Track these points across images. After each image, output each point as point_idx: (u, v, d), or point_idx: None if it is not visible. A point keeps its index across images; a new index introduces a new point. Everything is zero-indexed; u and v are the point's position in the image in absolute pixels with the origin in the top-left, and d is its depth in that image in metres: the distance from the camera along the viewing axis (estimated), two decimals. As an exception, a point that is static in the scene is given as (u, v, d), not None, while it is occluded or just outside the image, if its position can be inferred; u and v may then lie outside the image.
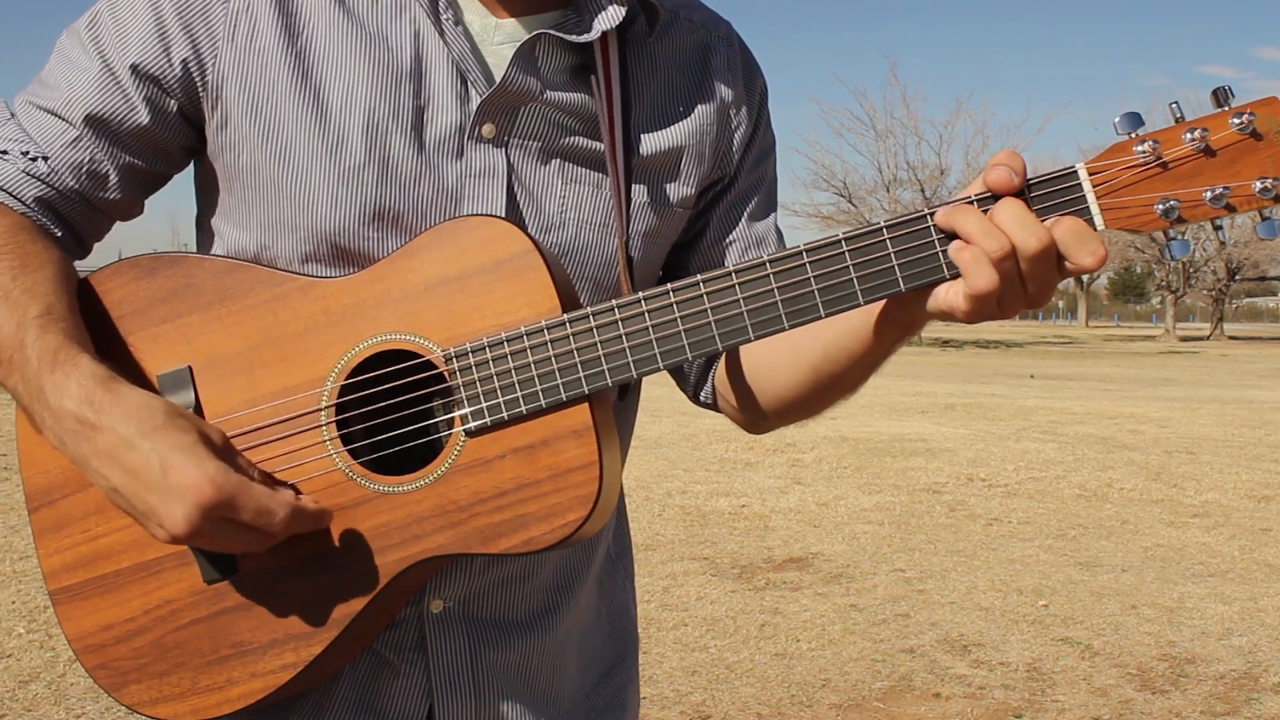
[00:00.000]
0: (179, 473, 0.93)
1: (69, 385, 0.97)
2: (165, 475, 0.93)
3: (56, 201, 1.11)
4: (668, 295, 1.02)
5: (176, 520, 0.94)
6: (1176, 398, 15.90)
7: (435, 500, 1.03)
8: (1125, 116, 0.94)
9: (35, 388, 0.98)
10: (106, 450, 0.95)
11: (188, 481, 0.93)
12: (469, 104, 1.11)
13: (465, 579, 1.16)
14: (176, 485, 0.93)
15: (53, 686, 3.92)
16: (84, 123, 1.10)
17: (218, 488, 0.93)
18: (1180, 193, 0.93)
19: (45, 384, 0.98)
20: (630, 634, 1.37)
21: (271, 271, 1.09)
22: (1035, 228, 0.93)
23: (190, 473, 0.93)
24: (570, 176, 1.15)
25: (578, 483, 1.01)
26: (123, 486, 0.96)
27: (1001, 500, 7.79)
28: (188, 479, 0.93)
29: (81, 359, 0.99)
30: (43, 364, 0.98)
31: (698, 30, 1.24)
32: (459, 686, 1.17)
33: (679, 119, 1.20)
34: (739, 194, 1.26)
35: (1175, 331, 48.68)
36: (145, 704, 1.09)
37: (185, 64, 1.09)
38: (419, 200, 1.11)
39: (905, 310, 1.03)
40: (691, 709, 3.93)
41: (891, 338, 1.07)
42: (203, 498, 0.93)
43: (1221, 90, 0.92)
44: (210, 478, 0.93)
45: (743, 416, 1.28)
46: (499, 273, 1.03)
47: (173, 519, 0.94)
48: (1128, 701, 4.10)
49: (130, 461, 0.95)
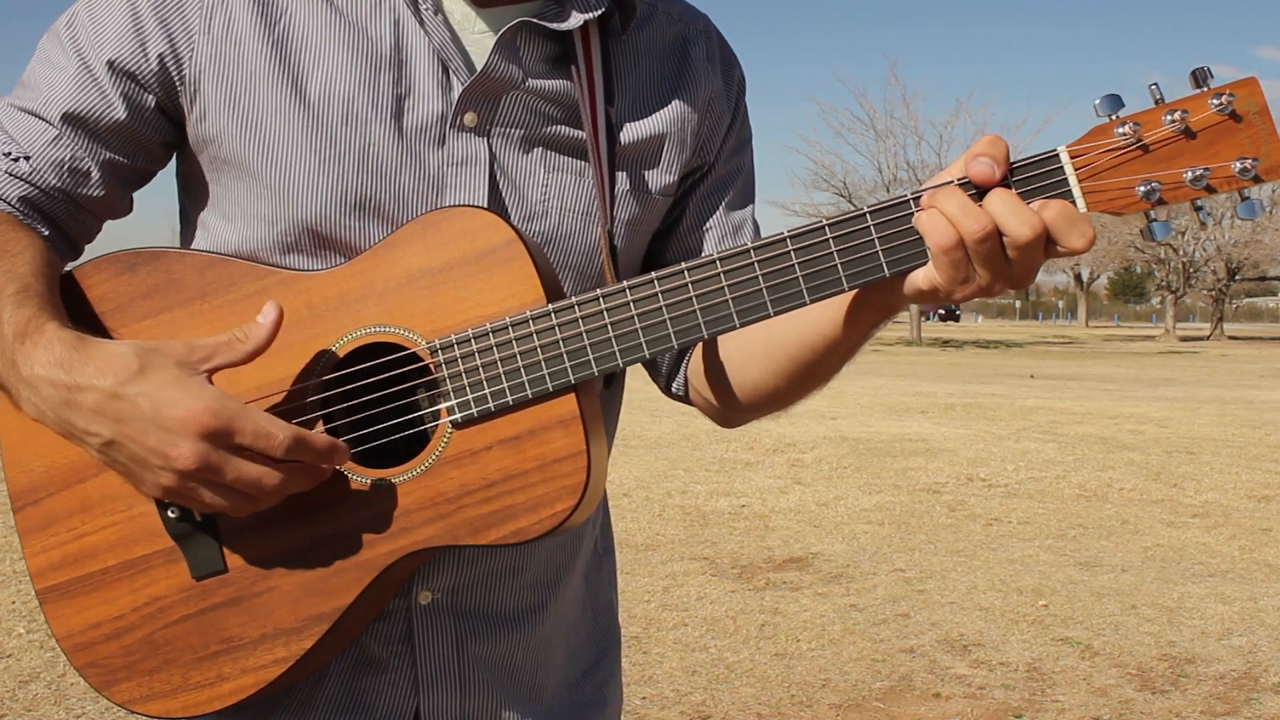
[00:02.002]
0: (172, 406, 0.92)
1: (37, 352, 0.96)
2: (159, 412, 0.92)
3: (41, 201, 1.11)
4: (652, 284, 1.02)
5: (184, 454, 0.92)
6: (1176, 398, 15.90)
7: (423, 493, 1.03)
8: (1106, 99, 0.93)
9: (9, 361, 0.97)
10: (92, 406, 0.94)
11: (183, 413, 0.92)
12: (451, 93, 1.11)
13: (454, 570, 1.16)
14: (172, 419, 0.92)
15: (53, 686, 3.92)
16: (63, 121, 1.10)
17: (214, 413, 0.92)
18: (1161, 174, 0.93)
19: (17, 356, 0.97)
20: (614, 629, 1.37)
21: (253, 265, 1.08)
22: (1027, 215, 0.93)
23: (184, 403, 0.92)
24: (552, 165, 1.15)
25: (565, 473, 1.01)
26: (118, 437, 0.94)
27: (1001, 500, 7.79)
28: (183, 410, 0.92)
29: (48, 325, 0.97)
30: (15, 337, 0.97)
31: (676, 23, 1.24)
32: (444, 679, 1.17)
33: (659, 107, 1.20)
34: (716, 181, 1.26)
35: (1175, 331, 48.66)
36: (136, 701, 1.08)
37: (162, 59, 1.09)
38: (401, 189, 1.11)
39: (883, 293, 1.03)
40: (691, 709, 3.92)
41: (869, 320, 1.07)
42: (203, 425, 0.92)
43: (1200, 71, 0.92)
44: (206, 405, 0.92)
45: (715, 408, 1.27)
46: (482, 263, 1.03)
47: (179, 453, 0.92)
48: (1128, 701, 4.09)
49: (120, 411, 0.93)
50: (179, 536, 1.05)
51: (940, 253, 0.94)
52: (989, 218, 0.93)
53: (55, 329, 0.97)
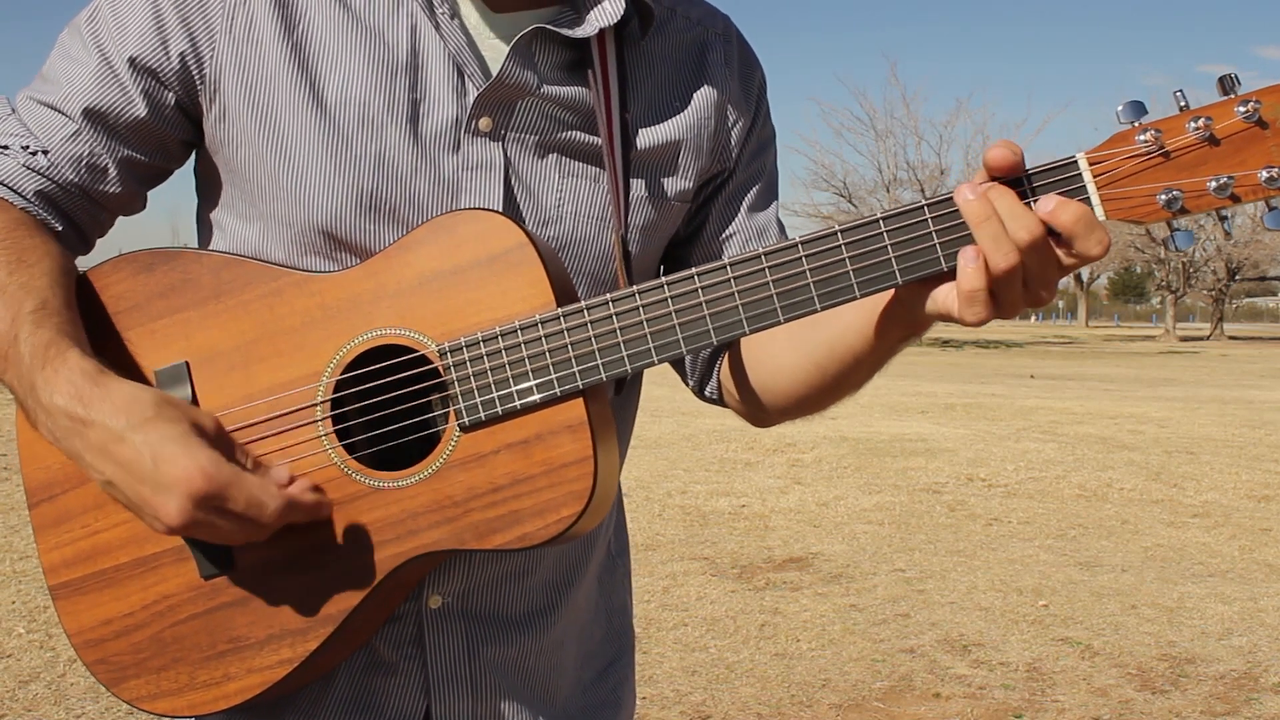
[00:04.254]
0: (170, 463, 0.93)
1: (58, 381, 0.97)
2: (157, 467, 0.93)
3: (57, 195, 1.12)
4: (662, 289, 1.02)
5: (170, 512, 0.93)
6: (1176, 398, 15.89)
7: (430, 496, 1.03)
8: (1128, 105, 0.91)
9: (28, 384, 0.98)
10: (98, 445, 0.95)
11: (179, 473, 0.93)
12: (465, 98, 1.11)
13: (464, 574, 1.16)
14: (168, 476, 0.93)
15: (53, 686, 3.91)
16: (82, 116, 1.10)
17: (209, 478, 0.93)
18: (1184, 182, 0.91)
19: (36, 380, 0.98)
20: (628, 632, 1.37)
21: (267, 266, 1.08)
22: (1025, 218, 0.92)
23: (181, 463, 0.93)
24: (567, 170, 1.15)
25: (572, 478, 1.01)
26: (117, 480, 0.95)
27: (1001, 500, 7.79)
28: (178, 470, 0.93)
29: (70, 354, 0.98)
30: (34, 360, 0.98)
31: (694, 27, 1.24)
32: (456, 682, 1.17)
33: (676, 113, 1.20)
34: (738, 186, 1.26)
35: (1175, 331, 48.64)
36: (144, 699, 1.09)
37: (183, 57, 1.10)
38: (416, 194, 1.11)
39: (907, 309, 1.02)
40: (691, 709, 3.93)
41: (895, 336, 1.07)
42: (194, 488, 0.93)
43: (1228, 78, 0.90)
44: (201, 468, 0.93)
45: (747, 410, 1.28)
46: (494, 267, 1.03)
47: (166, 510, 0.93)
48: (1128, 701, 4.09)
49: (121, 455, 0.94)
50: (188, 537, 1.05)
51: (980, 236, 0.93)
52: (1034, 217, 0.91)
53: (77, 358, 0.98)
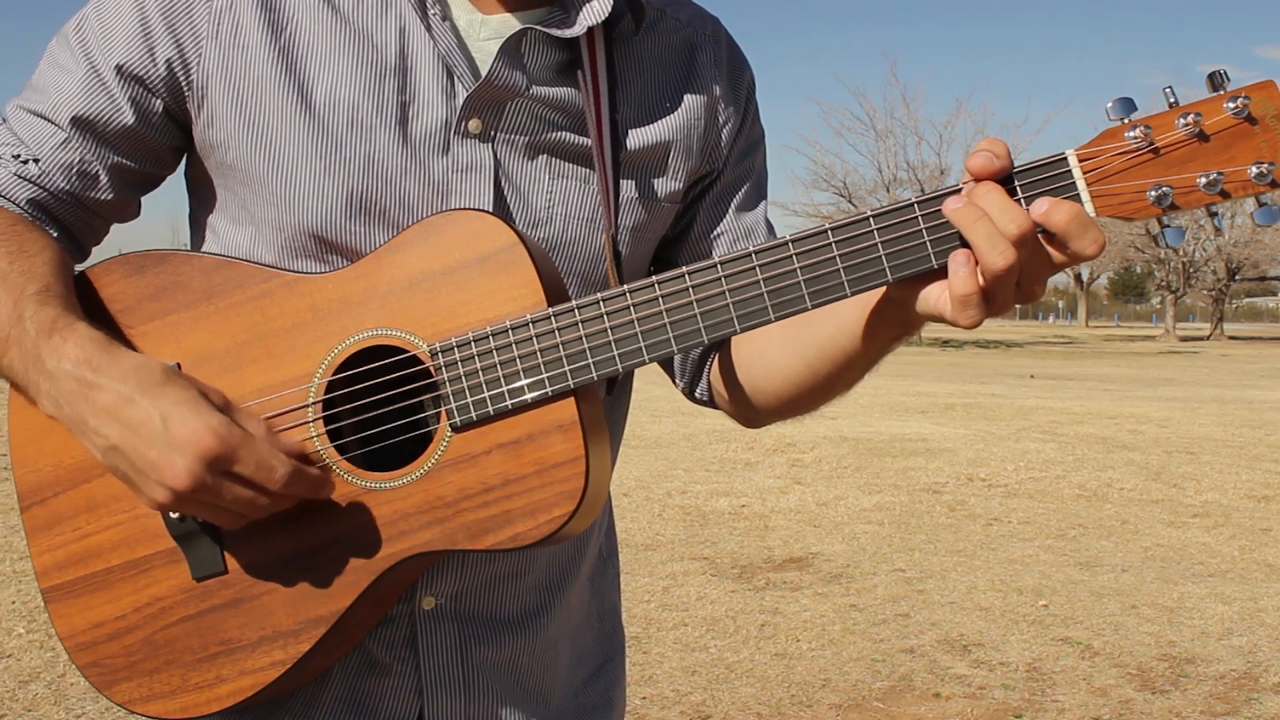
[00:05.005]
0: (180, 423, 0.93)
1: (66, 347, 0.97)
2: (167, 427, 0.93)
3: (49, 203, 1.12)
4: (653, 288, 1.01)
5: (178, 472, 0.93)
6: (1176, 398, 15.89)
7: (422, 496, 1.03)
8: (1117, 102, 0.91)
9: (33, 356, 0.98)
10: (106, 406, 0.95)
11: (189, 432, 0.92)
12: (455, 99, 1.11)
13: (457, 576, 1.16)
14: (178, 436, 0.93)
15: (53, 686, 3.91)
16: (71, 124, 1.11)
17: (220, 438, 0.93)
18: (1173, 179, 0.91)
19: (43, 350, 0.98)
20: (619, 632, 1.37)
21: (258, 268, 1.08)
22: (1016, 213, 0.91)
23: (192, 423, 0.93)
24: (557, 171, 1.15)
25: (563, 478, 1.01)
26: (122, 443, 0.95)
27: (1001, 500, 7.78)
28: (189, 429, 0.93)
29: (79, 325, 0.99)
30: (40, 333, 0.98)
31: (684, 28, 1.23)
32: (449, 684, 1.17)
33: (666, 114, 1.20)
34: (726, 186, 1.26)
35: (1175, 331, 48.67)
36: (136, 701, 1.09)
37: (169, 64, 1.10)
38: (406, 195, 1.10)
39: (899, 309, 1.02)
40: (691, 709, 3.92)
41: (887, 336, 1.07)
42: (205, 448, 0.92)
43: (1217, 74, 0.90)
44: (212, 428, 0.93)
45: (738, 411, 1.28)
46: (484, 267, 1.03)
47: (174, 472, 0.93)
48: (1128, 701, 4.09)
49: (130, 416, 0.94)
50: (180, 537, 1.05)
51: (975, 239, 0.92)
52: (1023, 213, 0.91)
53: (86, 328, 0.99)
